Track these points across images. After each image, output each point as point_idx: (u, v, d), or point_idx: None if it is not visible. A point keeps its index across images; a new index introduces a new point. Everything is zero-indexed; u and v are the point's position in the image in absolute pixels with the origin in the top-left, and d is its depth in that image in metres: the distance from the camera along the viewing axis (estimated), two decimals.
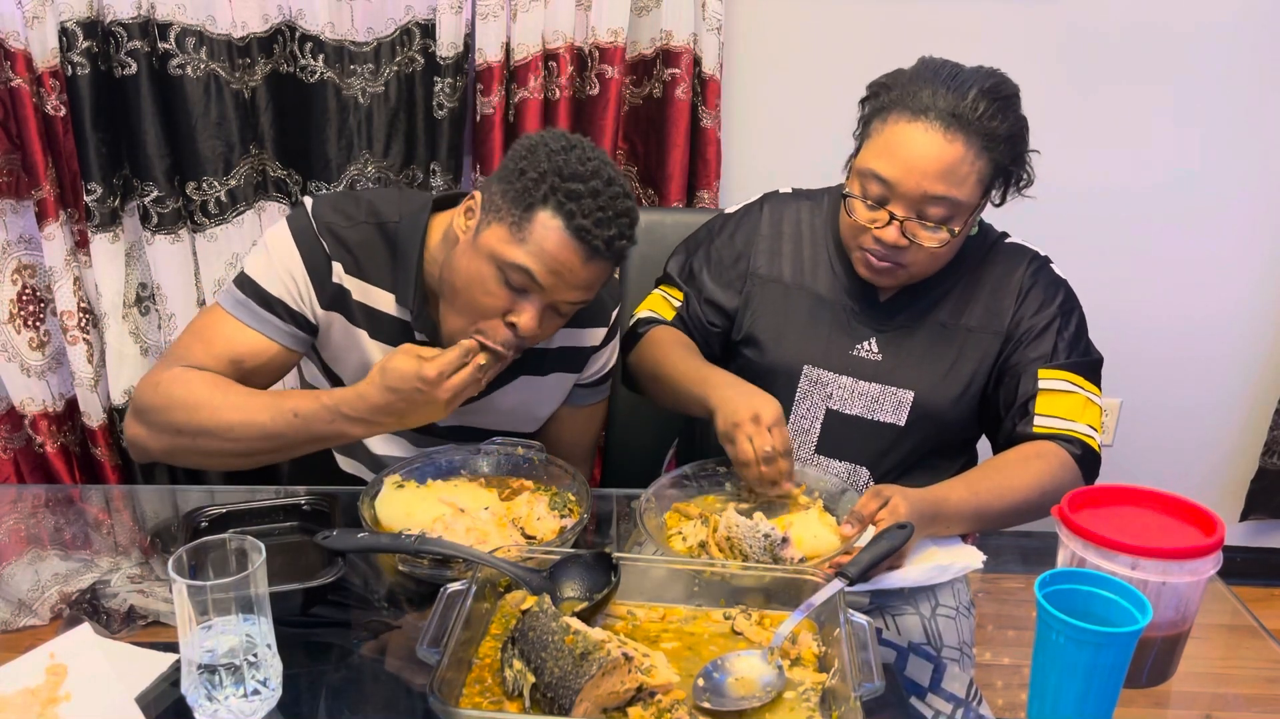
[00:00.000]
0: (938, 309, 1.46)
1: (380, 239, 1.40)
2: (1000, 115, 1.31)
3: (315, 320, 1.40)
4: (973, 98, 1.29)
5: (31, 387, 2.13)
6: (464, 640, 0.99)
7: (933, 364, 1.45)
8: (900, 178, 1.31)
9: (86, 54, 1.94)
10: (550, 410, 1.56)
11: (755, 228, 1.55)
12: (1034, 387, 1.40)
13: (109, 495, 1.58)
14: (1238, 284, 2.33)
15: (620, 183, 1.28)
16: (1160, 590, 1.01)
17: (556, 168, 1.24)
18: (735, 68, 2.15)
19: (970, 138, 1.29)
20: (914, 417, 1.45)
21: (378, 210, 1.41)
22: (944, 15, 2.12)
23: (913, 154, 1.30)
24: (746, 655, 1.02)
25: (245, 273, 1.38)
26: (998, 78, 1.34)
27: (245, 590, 0.92)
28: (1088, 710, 0.93)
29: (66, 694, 0.98)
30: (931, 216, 1.33)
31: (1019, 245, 1.51)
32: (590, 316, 1.49)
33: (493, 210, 1.28)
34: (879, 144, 1.34)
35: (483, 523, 1.21)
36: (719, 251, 1.56)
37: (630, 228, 1.29)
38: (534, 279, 1.25)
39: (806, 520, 1.24)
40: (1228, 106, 2.19)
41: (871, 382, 1.45)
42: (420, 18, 2.03)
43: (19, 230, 2.08)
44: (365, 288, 1.40)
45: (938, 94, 1.30)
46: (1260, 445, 2.45)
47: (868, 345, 1.46)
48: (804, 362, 1.48)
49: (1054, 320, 1.43)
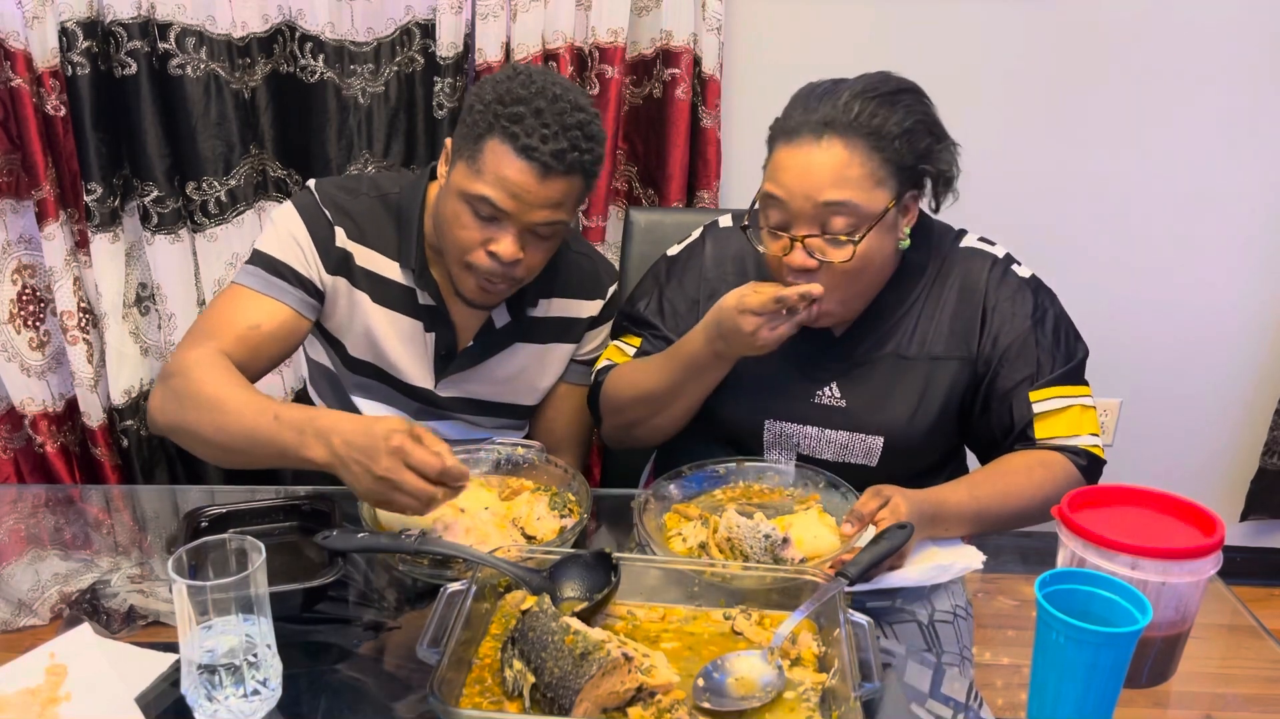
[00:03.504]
0: (896, 339, 1.39)
1: (382, 209, 1.48)
2: (884, 111, 1.26)
3: (322, 286, 1.45)
4: (844, 101, 1.26)
5: (31, 386, 2.14)
6: (464, 640, 0.99)
7: (899, 403, 1.39)
8: (789, 196, 1.28)
9: (86, 54, 1.94)
10: (550, 382, 1.59)
11: (700, 270, 1.49)
12: (1028, 412, 1.34)
13: (109, 495, 1.58)
14: (1238, 284, 2.33)
15: (569, 99, 1.30)
16: (1160, 590, 1.01)
17: (499, 96, 1.30)
18: (735, 68, 2.15)
19: (850, 139, 1.26)
20: (886, 457, 1.40)
21: (379, 184, 1.50)
22: (944, 15, 2.12)
23: (794, 170, 1.27)
24: (746, 655, 1.02)
25: (255, 248, 1.45)
26: (878, 78, 1.30)
27: (245, 590, 0.92)
28: (1088, 710, 0.93)
29: (66, 694, 0.98)
30: (835, 229, 1.27)
31: (976, 250, 1.42)
32: (586, 288, 1.56)
33: (456, 151, 1.36)
34: (769, 173, 1.32)
35: (483, 523, 1.21)
36: (671, 300, 1.50)
37: (585, 140, 1.30)
38: (497, 206, 1.30)
39: (806, 521, 1.23)
40: (1228, 106, 2.19)
41: (839, 429, 1.41)
42: (420, 18, 2.03)
43: (19, 230, 2.09)
44: (368, 253, 1.46)
45: (809, 110, 1.28)
46: (1260, 445, 2.44)
47: (829, 391, 1.41)
48: (765, 417, 1.43)
49: (1029, 333, 1.36)
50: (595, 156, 1.33)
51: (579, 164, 1.31)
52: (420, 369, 1.52)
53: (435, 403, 1.54)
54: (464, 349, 1.51)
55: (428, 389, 1.53)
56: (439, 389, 1.53)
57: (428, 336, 1.50)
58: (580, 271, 1.56)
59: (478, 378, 1.53)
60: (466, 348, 1.51)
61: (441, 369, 1.52)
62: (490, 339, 1.52)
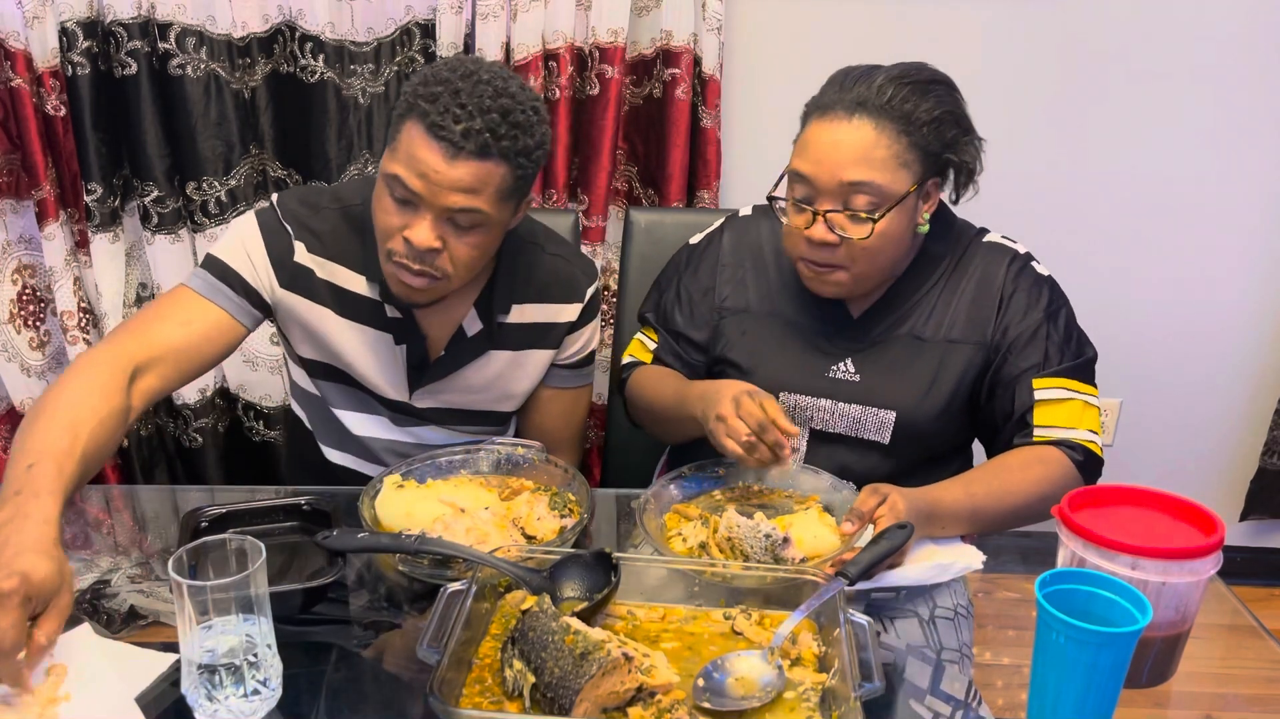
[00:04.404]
0: (912, 322, 1.43)
1: (345, 223, 1.45)
2: (915, 98, 1.30)
3: (270, 301, 1.44)
4: (879, 84, 1.30)
5: (32, 387, 2.13)
6: (464, 640, 0.99)
7: (912, 381, 1.42)
8: (815, 171, 1.32)
9: (86, 54, 1.94)
10: (527, 388, 1.57)
11: (717, 258, 1.54)
12: (1030, 398, 1.37)
13: (109, 495, 1.58)
14: (1238, 284, 2.33)
15: (497, 84, 1.27)
16: (1160, 590, 1.01)
17: (423, 78, 1.29)
18: (735, 68, 2.15)
19: (880, 120, 1.29)
20: (898, 435, 1.42)
21: (340, 196, 1.47)
22: (944, 16, 2.12)
23: (823, 145, 1.31)
24: (746, 655, 1.02)
25: (209, 252, 1.44)
26: (914, 66, 1.34)
27: (245, 590, 0.92)
28: (1088, 710, 0.93)
29: (66, 694, 0.98)
30: (857, 206, 1.31)
31: (997, 244, 1.46)
32: (562, 293, 1.52)
33: (388, 137, 1.35)
34: (798, 148, 1.36)
35: (483, 523, 1.21)
36: (687, 289, 1.54)
37: (505, 125, 1.26)
38: (406, 186, 1.28)
39: (807, 520, 1.24)
40: (1229, 106, 2.19)
41: (851, 403, 1.43)
42: (420, 18, 2.03)
43: (19, 230, 2.09)
44: (331, 267, 1.44)
45: (844, 89, 1.32)
46: (1260, 445, 2.44)
47: (844, 366, 1.44)
48: (779, 388, 1.45)
49: (1041, 325, 1.39)
50: (518, 144, 1.27)
51: (491, 147, 1.25)
52: (393, 382, 1.50)
53: (413, 413, 1.52)
54: (436, 359, 1.49)
55: (404, 401, 1.51)
56: (414, 400, 1.51)
57: (398, 349, 1.47)
58: (555, 275, 1.52)
59: (452, 387, 1.51)
60: (439, 358, 1.49)
61: (415, 380, 1.50)
62: (461, 348, 1.49)
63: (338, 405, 1.54)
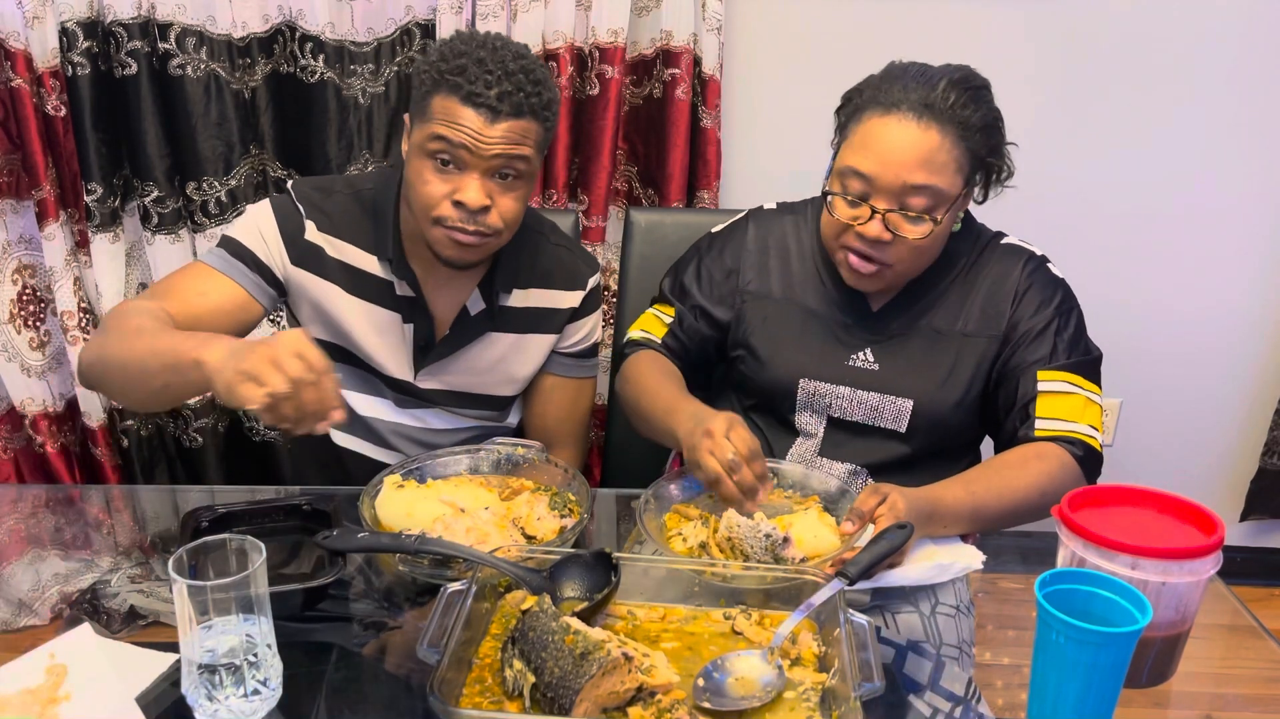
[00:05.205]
0: (931, 315, 1.46)
1: (356, 205, 1.50)
2: (972, 104, 1.33)
3: (282, 277, 1.47)
4: (943, 88, 1.32)
5: (32, 387, 2.14)
6: (464, 640, 0.99)
7: (930, 371, 1.45)
8: (879, 171, 1.32)
9: (87, 54, 1.94)
10: (529, 372, 1.59)
11: (742, 244, 1.55)
12: (1033, 389, 1.39)
13: (109, 495, 1.58)
14: (1238, 284, 2.33)
15: (511, 49, 1.33)
16: (1160, 590, 1.01)
17: (441, 55, 1.34)
18: (735, 68, 2.15)
19: (945, 125, 1.31)
20: (915, 423, 1.45)
21: (352, 182, 1.53)
22: (945, 16, 2.12)
23: (889, 146, 1.32)
24: (746, 655, 1.02)
25: (223, 233, 1.48)
26: (966, 70, 1.37)
27: (245, 590, 0.92)
28: (1088, 710, 0.93)
29: (66, 694, 0.98)
30: (914, 207, 1.33)
31: (1015, 245, 1.49)
32: (564, 280, 1.56)
33: (412, 117, 1.39)
34: (856, 142, 1.36)
35: (483, 523, 1.21)
36: (709, 269, 1.56)
37: (530, 83, 1.32)
38: (451, 143, 1.32)
39: (807, 520, 1.24)
40: (1229, 106, 2.19)
41: (870, 390, 1.45)
42: (420, 18, 2.03)
43: (19, 230, 2.09)
44: (343, 246, 1.48)
45: (909, 88, 1.33)
46: (1260, 445, 2.45)
47: (863, 355, 1.46)
48: (799, 375, 1.48)
49: (1052, 321, 1.42)
50: (544, 99, 1.34)
51: (526, 105, 1.32)
52: (399, 361, 1.52)
53: (416, 394, 1.55)
54: (441, 339, 1.52)
55: (408, 381, 1.54)
56: (418, 380, 1.54)
57: (406, 328, 1.51)
58: (559, 263, 1.56)
59: (455, 368, 1.54)
60: (444, 337, 1.52)
61: (420, 360, 1.53)
62: (465, 327, 1.52)
63: (343, 386, 1.54)
